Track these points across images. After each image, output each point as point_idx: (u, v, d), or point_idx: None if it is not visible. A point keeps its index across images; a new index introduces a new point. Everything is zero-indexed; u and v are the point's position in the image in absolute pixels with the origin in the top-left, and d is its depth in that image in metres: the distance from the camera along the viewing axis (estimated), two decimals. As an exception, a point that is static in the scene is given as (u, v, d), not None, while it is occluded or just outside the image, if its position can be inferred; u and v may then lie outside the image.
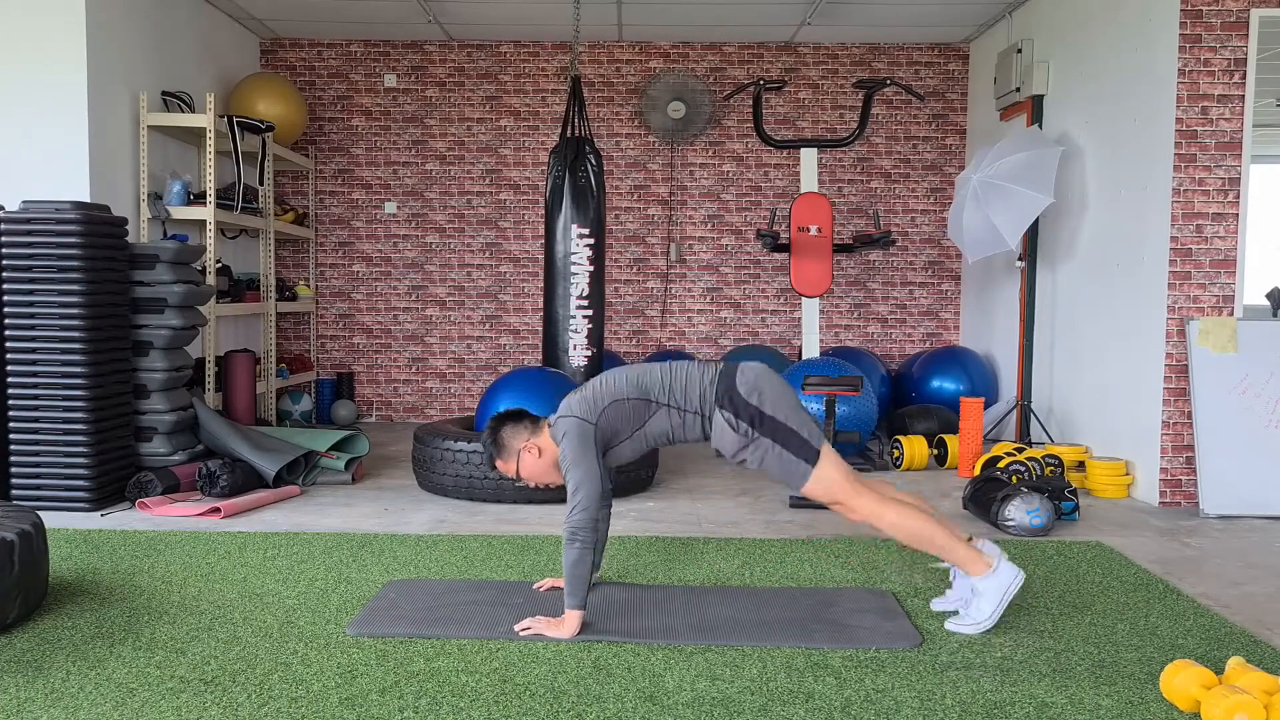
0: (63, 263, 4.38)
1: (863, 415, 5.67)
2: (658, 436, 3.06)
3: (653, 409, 3.02)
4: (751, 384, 2.98)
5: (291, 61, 7.53)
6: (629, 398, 3.01)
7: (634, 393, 3.01)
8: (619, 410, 3.00)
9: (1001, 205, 5.62)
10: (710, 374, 3.03)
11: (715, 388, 2.99)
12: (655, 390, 3.02)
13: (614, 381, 3.05)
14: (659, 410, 3.02)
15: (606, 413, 2.99)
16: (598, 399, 3.00)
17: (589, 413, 2.98)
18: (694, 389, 3.01)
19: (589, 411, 2.98)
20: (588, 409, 2.98)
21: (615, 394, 3.01)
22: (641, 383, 3.04)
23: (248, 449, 4.86)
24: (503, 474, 3.14)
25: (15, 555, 2.85)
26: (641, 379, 3.05)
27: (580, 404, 3.00)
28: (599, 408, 2.99)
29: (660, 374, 3.06)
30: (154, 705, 2.37)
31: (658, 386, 3.03)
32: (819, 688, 2.51)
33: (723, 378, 3.01)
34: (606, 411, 2.99)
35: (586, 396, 3.02)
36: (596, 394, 3.02)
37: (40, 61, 5.07)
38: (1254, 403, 4.66)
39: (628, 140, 7.56)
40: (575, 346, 5.34)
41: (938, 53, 7.54)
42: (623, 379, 3.05)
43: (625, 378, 3.06)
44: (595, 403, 3.00)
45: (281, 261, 7.59)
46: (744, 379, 3.00)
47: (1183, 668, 2.42)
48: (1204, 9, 4.68)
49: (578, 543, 2.84)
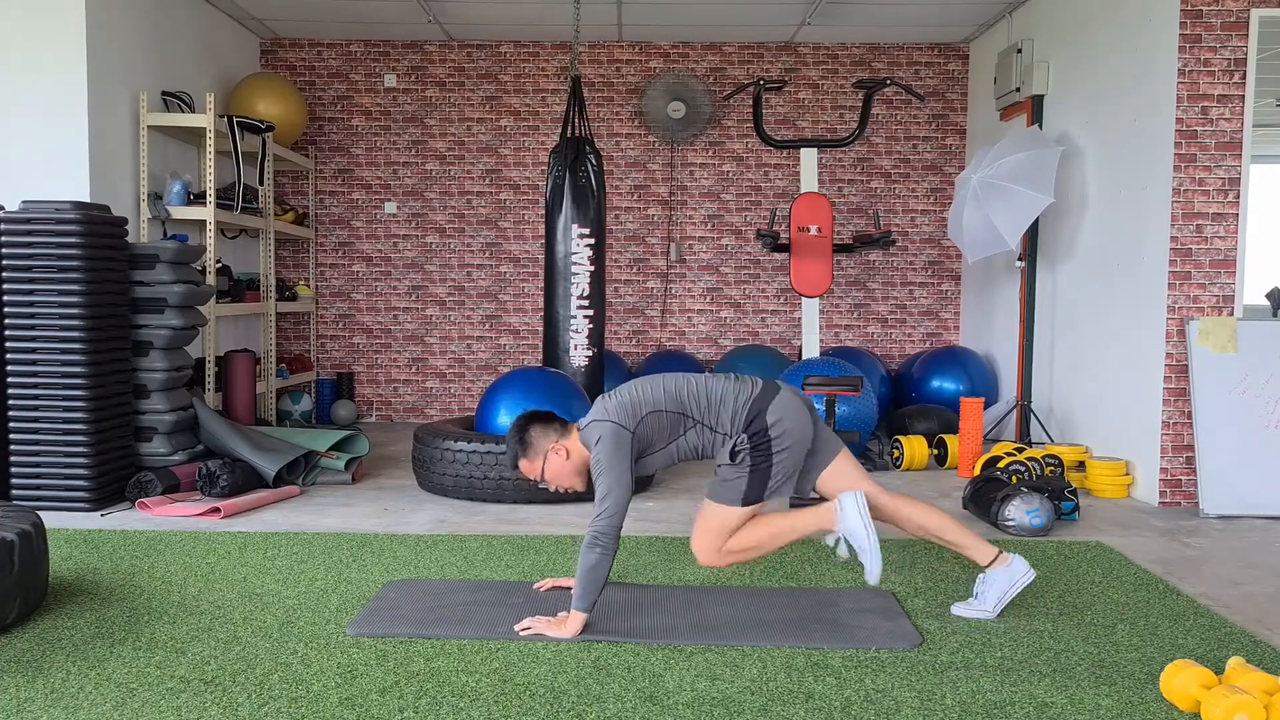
0: (63, 263, 4.38)
1: (863, 415, 5.67)
2: (688, 452, 3.02)
3: (688, 424, 2.97)
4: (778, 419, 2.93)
5: (291, 61, 7.53)
6: (667, 410, 2.96)
7: (672, 405, 2.96)
8: (657, 421, 2.95)
9: (1001, 205, 5.62)
10: (744, 396, 2.96)
11: (746, 411, 2.94)
12: (692, 407, 2.97)
13: (652, 391, 2.99)
14: (694, 427, 2.97)
15: (645, 422, 2.93)
16: (637, 406, 2.94)
17: (628, 420, 2.91)
18: (726, 411, 2.96)
19: (628, 419, 2.91)
20: (626, 416, 2.92)
21: (654, 404, 2.95)
22: (680, 396, 2.98)
23: (248, 449, 4.86)
24: (523, 475, 3.07)
25: (15, 555, 2.85)
26: (680, 393, 2.98)
27: (618, 410, 2.93)
28: (638, 415, 2.93)
29: (699, 391, 2.99)
30: (154, 705, 2.37)
31: (694, 403, 2.97)
32: (819, 688, 2.51)
33: (756, 403, 2.95)
34: (645, 421, 2.93)
35: (624, 403, 2.95)
36: (635, 401, 2.95)
37: (40, 61, 5.07)
38: (1254, 403, 4.66)
39: (628, 140, 7.56)
40: (575, 346, 5.34)
41: (938, 53, 7.53)
42: (660, 390, 2.99)
43: (664, 389, 2.99)
44: (635, 409, 2.93)
45: (281, 261, 7.59)
46: (774, 411, 2.93)
47: (1183, 668, 2.42)
48: (1204, 9, 4.68)
49: (599, 548, 2.80)
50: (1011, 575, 3.01)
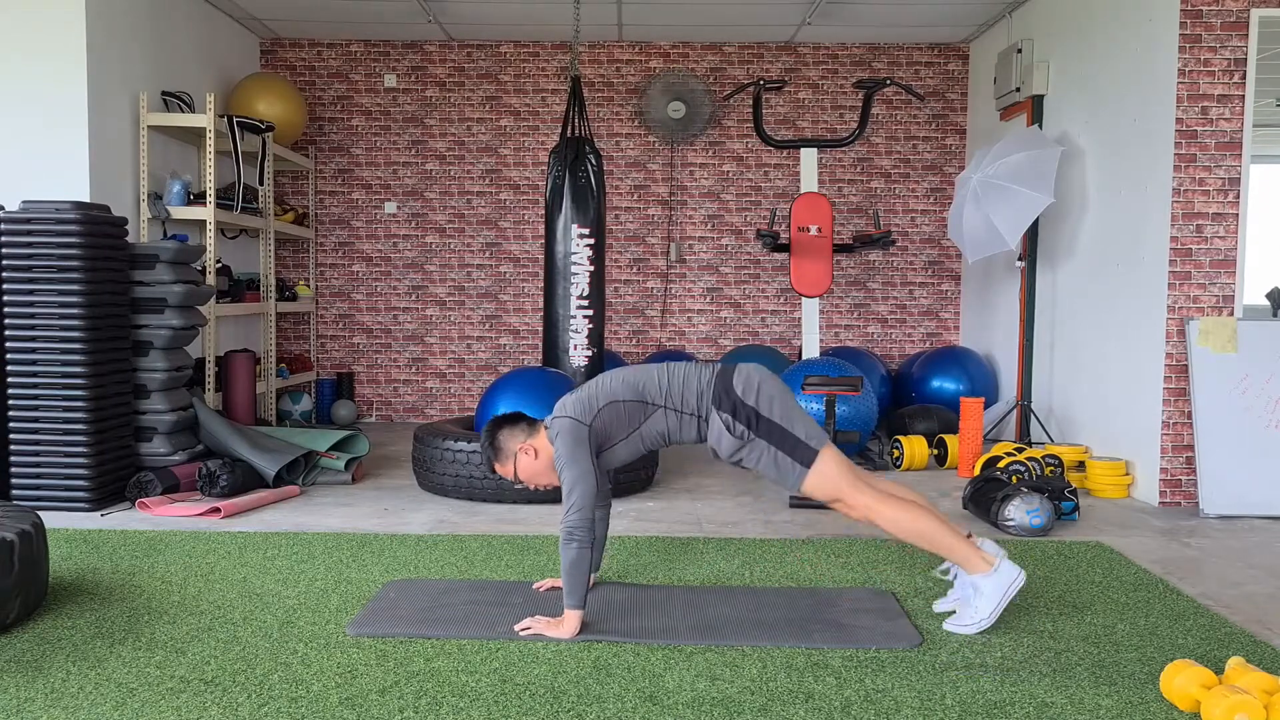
0: (63, 263, 4.38)
1: (863, 415, 5.67)
2: (654, 438, 3.06)
3: (649, 410, 3.02)
4: (748, 384, 2.98)
5: (291, 61, 7.53)
6: (624, 399, 3.01)
7: (629, 394, 3.02)
8: (614, 412, 3.00)
9: (1001, 205, 5.62)
10: (707, 375, 3.03)
11: (712, 388, 3.00)
12: (652, 392, 3.03)
13: (610, 383, 3.05)
14: (655, 412, 3.02)
15: (602, 414, 2.99)
16: (593, 400, 3.01)
17: (583, 413, 2.98)
18: (691, 390, 3.01)
19: (583, 412, 2.98)
20: (582, 409, 2.99)
21: (611, 395, 3.02)
22: (637, 384, 3.04)
23: (248, 449, 4.86)
24: (501, 477, 3.15)
25: (15, 555, 2.85)
26: (637, 381, 3.05)
27: (575, 405, 3.01)
28: (594, 409, 2.99)
29: (657, 375, 3.06)
30: (154, 705, 2.37)
31: (654, 388, 3.03)
32: (819, 688, 2.51)
33: (719, 378, 3.01)
34: (602, 413, 2.99)
35: (582, 398, 3.02)
36: (592, 395, 3.02)
37: (40, 61, 5.07)
38: (1254, 403, 4.66)
39: (628, 140, 7.56)
40: (575, 346, 5.34)
41: (938, 53, 7.54)
42: (619, 381, 3.06)
43: (622, 379, 3.06)
44: (590, 404, 3.00)
45: (281, 261, 7.59)
46: (740, 379, 3.00)
47: (1183, 668, 2.42)
48: (1204, 9, 4.68)
49: (575, 543, 2.83)
50: (1001, 582, 2.89)
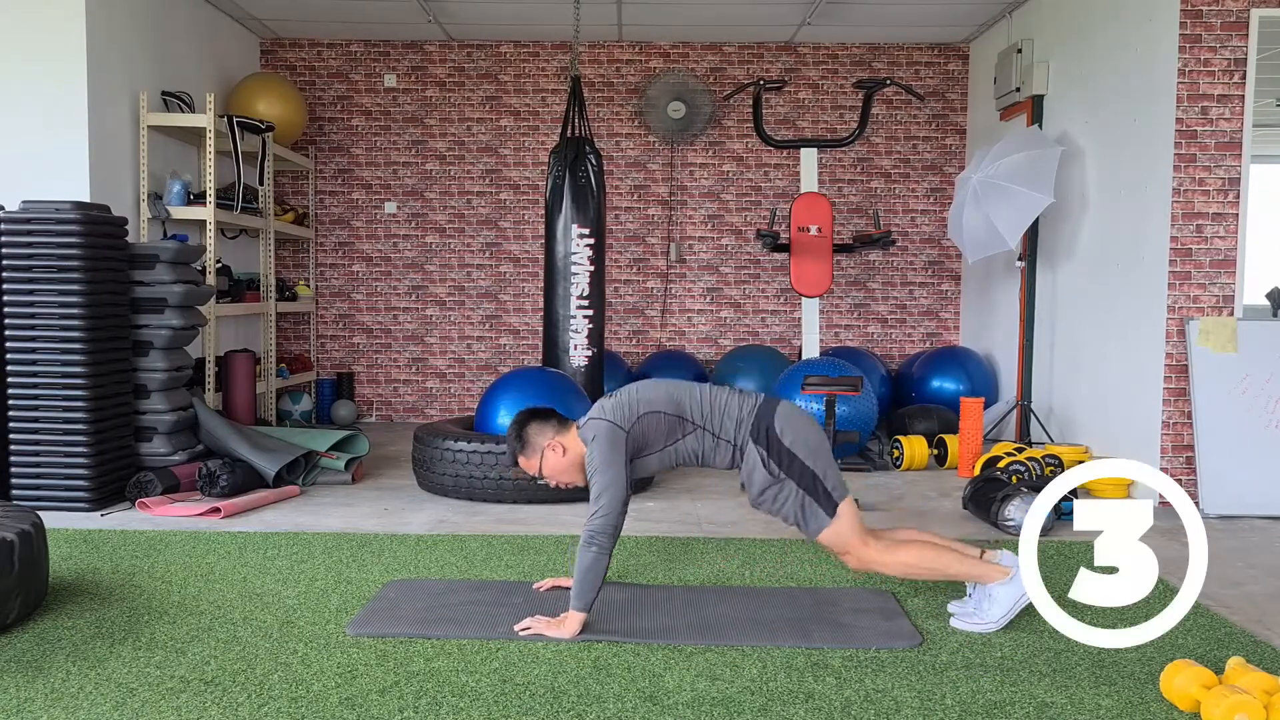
0: (63, 263, 4.38)
1: (863, 415, 5.67)
2: (687, 456, 3.02)
3: (687, 429, 2.98)
4: (787, 423, 2.95)
5: (291, 61, 7.53)
6: (665, 413, 2.97)
7: (670, 409, 2.98)
8: (654, 423, 2.96)
9: (1001, 205, 5.62)
10: (749, 405, 3.00)
11: (752, 419, 2.96)
12: (693, 411, 2.99)
13: (650, 393, 3.01)
14: (693, 431, 2.98)
15: (641, 422, 2.95)
16: (633, 407, 2.96)
17: (623, 419, 2.94)
18: (730, 418, 2.98)
19: (623, 418, 2.94)
20: (622, 415, 2.95)
21: (652, 406, 2.97)
22: (679, 400, 3.00)
23: (248, 449, 4.86)
24: (522, 471, 3.09)
25: (15, 555, 2.85)
26: (679, 397, 3.01)
27: (615, 409, 2.96)
28: (634, 416, 2.95)
29: (700, 397, 3.02)
30: (154, 705, 2.37)
31: (695, 409, 2.99)
32: (819, 688, 2.51)
33: (761, 412, 2.97)
34: (641, 421, 2.95)
35: (622, 402, 2.98)
36: (633, 402, 2.98)
37: (40, 61, 5.07)
38: (1254, 403, 4.66)
39: (628, 140, 7.56)
40: (575, 346, 5.34)
41: (938, 53, 7.53)
42: (661, 392, 3.01)
43: (665, 391, 3.02)
44: (630, 410, 2.96)
45: (281, 261, 7.59)
46: (781, 418, 2.96)
47: (1183, 668, 2.43)
48: (1204, 9, 4.68)
49: (595, 547, 2.82)
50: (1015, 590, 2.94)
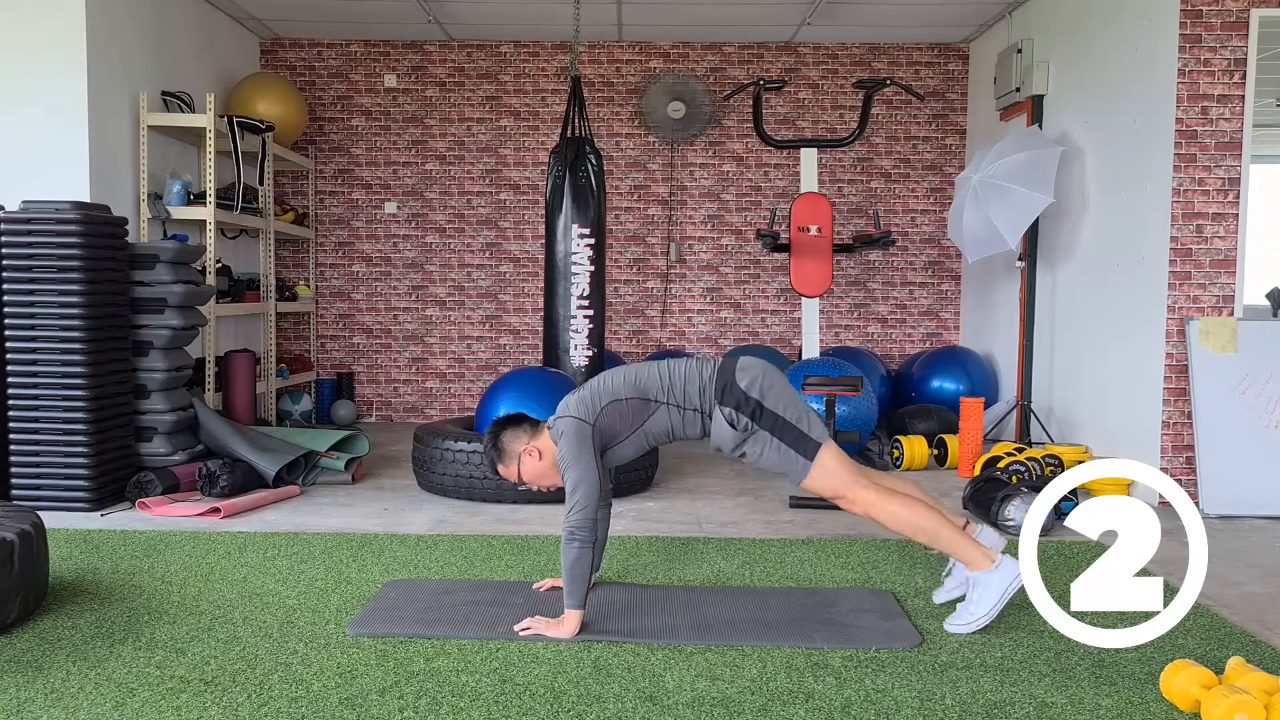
0: (63, 263, 4.38)
1: (863, 415, 5.67)
2: (658, 435, 3.07)
3: (652, 408, 3.02)
4: (750, 376, 2.99)
5: (291, 61, 7.53)
6: (627, 398, 3.01)
7: (632, 393, 3.02)
8: (617, 410, 3.00)
9: (1001, 205, 5.62)
10: (708, 370, 3.04)
11: (714, 383, 3.00)
12: (654, 389, 3.03)
13: (612, 381, 3.06)
14: (659, 409, 3.02)
15: (605, 412, 2.99)
16: (596, 399, 3.01)
17: (587, 413, 2.98)
18: (693, 386, 3.02)
19: (587, 411, 2.99)
20: (585, 409, 2.99)
21: (613, 394, 3.02)
22: (639, 382, 3.04)
23: (248, 449, 4.86)
24: (505, 478, 3.15)
25: (15, 555, 2.85)
26: (639, 378, 3.05)
27: (578, 404, 3.01)
28: (597, 408, 2.99)
29: (659, 373, 3.06)
30: (154, 705, 2.37)
31: (656, 385, 3.03)
32: (819, 688, 2.51)
33: (720, 373, 3.01)
34: (605, 411, 2.99)
35: (584, 397, 3.03)
36: (594, 394, 3.03)
37: (40, 61, 5.07)
38: (1254, 403, 4.66)
39: (628, 140, 7.56)
40: (576, 346, 5.34)
41: (938, 53, 7.53)
42: (620, 379, 3.06)
43: (623, 377, 3.06)
44: (593, 403, 3.00)
45: (281, 261, 7.59)
46: (743, 372, 3.00)
47: (1183, 668, 2.43)
48: (1204, 9, 4.68)
49: (576, 542, 2.84)
50: (1004, 578, 2.91)
